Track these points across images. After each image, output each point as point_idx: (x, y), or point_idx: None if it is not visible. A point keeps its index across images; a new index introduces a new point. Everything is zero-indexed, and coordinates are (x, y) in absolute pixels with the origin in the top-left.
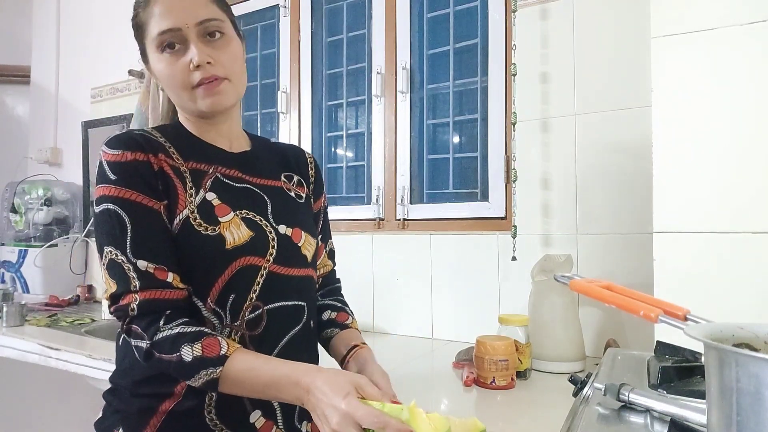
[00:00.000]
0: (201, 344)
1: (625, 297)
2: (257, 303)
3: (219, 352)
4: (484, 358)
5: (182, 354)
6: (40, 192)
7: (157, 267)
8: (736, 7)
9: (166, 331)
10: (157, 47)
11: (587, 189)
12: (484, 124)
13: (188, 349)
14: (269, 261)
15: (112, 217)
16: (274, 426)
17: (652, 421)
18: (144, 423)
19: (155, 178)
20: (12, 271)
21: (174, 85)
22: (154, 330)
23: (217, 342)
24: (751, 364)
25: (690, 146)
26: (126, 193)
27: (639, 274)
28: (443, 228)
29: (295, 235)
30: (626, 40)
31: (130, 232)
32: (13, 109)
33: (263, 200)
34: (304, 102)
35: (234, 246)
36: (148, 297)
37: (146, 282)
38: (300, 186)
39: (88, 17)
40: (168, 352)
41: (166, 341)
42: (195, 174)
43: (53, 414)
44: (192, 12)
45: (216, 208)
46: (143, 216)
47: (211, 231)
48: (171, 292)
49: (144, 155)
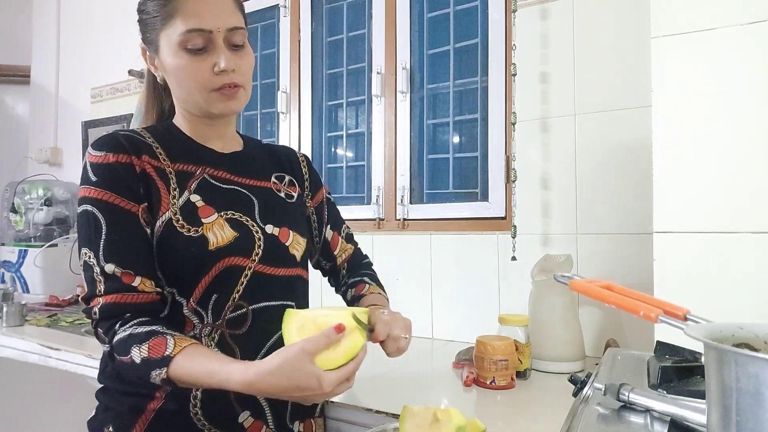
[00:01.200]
0: (148, 345)
1: (625, 297)
2: (240, 303)
3: (164, 352)
4: (484, 358)
5: (132, 356)
6: (40, 192)
7: (124, 272)
8: (736, 8)
9: (120, 333)
10: (179, 43)
11: (587, 189)
12: (484, 124)
13: (137, 350)
14: (255, 261)
15: (90, 219)
16: (264, 426)
17: (652, 421)
18: (133, 421)
19: (136, 181)
20: (12, 271)
21: (192, 84)
22: (112, 334)
23: (164, 342)
24: (751, 364)
25: (690, 146)
26: (105, 195)
27: (639, 274)
28: (443, 228)
29: (282, 234)
30: (626, 40)
31: (104, 235)
32: (13, 109)
33: (250, 200)
34: (304, 102)
35: (217, 247)
36: (110, 301)
37: (111, 286)
38: (291, 186)
39: (88, 17)
40: (123, 354)
41: (120, 343)
42: (180, 176)
43: (53, 414)
44: (224, 17)
45: (199, 209)
46: (119, 219)
47: (194, 232)
48: (135, 296)
49: (127, 157)
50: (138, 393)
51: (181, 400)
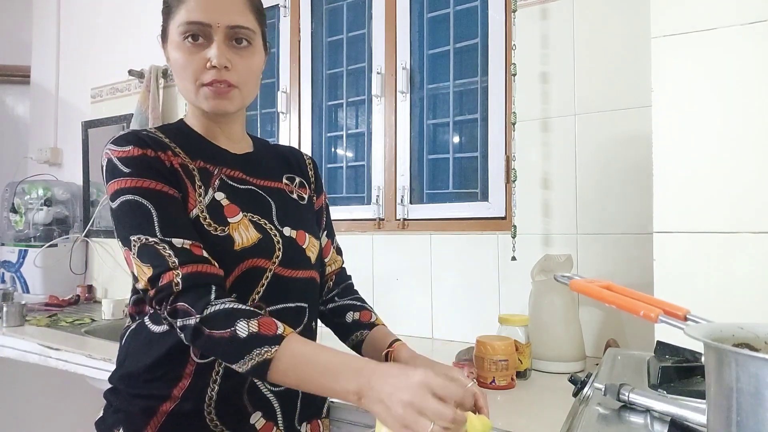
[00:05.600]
0: (258, 321)
1: (625, 297)
2: (259, 304)
3: (276, 331)
4: (484, 358)
5: (237, 329)
6: (40, 192)
7: (193, 243)
8: (735, 8)
9: (219, 305)
10: (181, 33)
11: (587, 189)
12: (484, 124)
13: (244, 324)
14: (275, 263)
15: (134, 206)
16: (275, 427)
17: (652, 421)
18: (144, 423)
19: (168, 172)
20: (12, 271)
21: (185, 75)
22: (204, 303)
23: (274, 322)
24: (751, 364)
25: (690, 146)
26: (144, 182)
27: (639, 274)
28: (443, 228)
29: (299, 237)
30: (626, 40)
31: (156, 216)
32: (13, 109)
33: (267, 202)
34: (304, 102)
35: (242, 247)
36: (192, 270)
37: (185, 257)
38: (302, 187)
39: (88, 17)
40: (221, 327)
41: (218, 315)
42: (203, 173)
43: (53, 414)
44: (227, 14)
45: (225, 208)
46: (166, 201)
47: (221, 231)
48: (212, 267)
49: (153, 152)
50: (150, 395)
51: (196, 401)
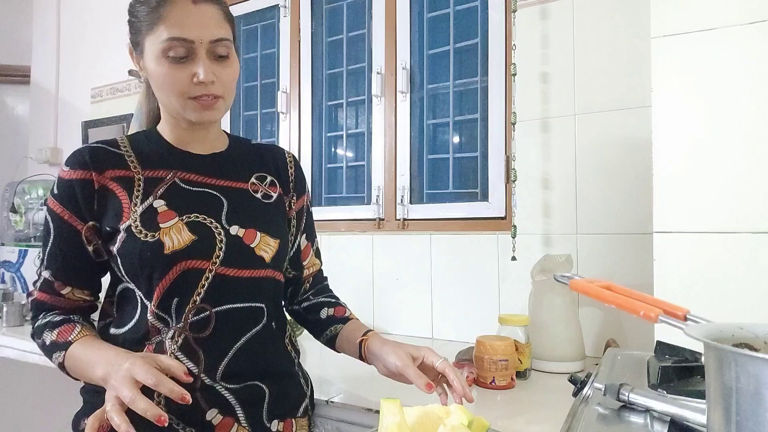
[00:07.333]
0: (57, 331)
1: (625, 297)
2: (203, 305)
3: (68, 338)
4: (484, 358)
5: (44, 338)
6: (40, 192)
7: (58, 282)
8: (736, 7)
9: (41, 320)
10: (162, 50)
11: (587, 189)
12: (484, 124)
13: (48, 333)
14: (216, 263)
15: (45, 226)
16: (236, 424)
17: (651, 421)
18: None
19: (91, 198)
20: (12, 271)
21: (171, 91)
22: (34, 321)
23: (71, 329)
24: (751, 364)
25: (690, 146)
26: (59, 208)
27: (639, 274)
28: (443, 228)
29: (247, 236)
30: (626, 40)
31: (50, 244)
32: (13, 109)
33: (219, 202)
34: (304, 102)
35: (173, 250)
36: (41, 298)
37: (44, 287)
38: (272, 186)
39: (88, 17)
40: (38, 337)
41: (39, 327)
42: (149, 182)
43: (53, 414)
44: (208, 29)
45: (160, 214)
46: (64, 232)
47: (150, 237)
48: (61, 300)
49: (87, 173)
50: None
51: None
